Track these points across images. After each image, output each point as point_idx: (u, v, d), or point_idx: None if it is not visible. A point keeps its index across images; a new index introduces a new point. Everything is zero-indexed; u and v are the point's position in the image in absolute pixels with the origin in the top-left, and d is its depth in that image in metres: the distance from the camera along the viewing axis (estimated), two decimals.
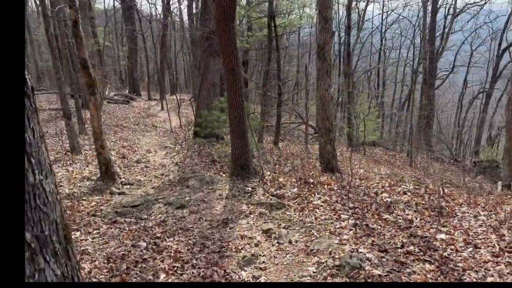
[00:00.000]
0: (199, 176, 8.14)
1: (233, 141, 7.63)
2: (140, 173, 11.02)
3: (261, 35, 17.69)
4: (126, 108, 23.48)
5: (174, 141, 15.38)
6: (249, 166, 7.65)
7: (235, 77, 7.21)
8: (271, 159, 13.56)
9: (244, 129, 7.53)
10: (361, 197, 6.64)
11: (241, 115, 7.45)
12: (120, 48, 34.44)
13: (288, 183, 7.37)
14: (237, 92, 7.32)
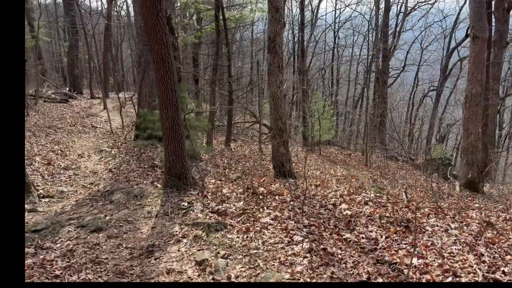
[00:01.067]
0: (127, 189, 6.83)
1: (166, 146, 6.39)
2: (66, 182, 9.52)
3: (211, 28, 16.45)
4: (64, 107, 21.51)
5: (112, 143, 13.85)
6: (187, 175, 6.44)
7: (166, 69, 5.99)
8: (221, 162, 12.38)
9: (179, 131, 6.32)
10: (317, 210, 5.61)
11: (174, 115, 6.23)
12: (62, 43, 32.08)
13: (233, 195, 6.22)
14: (169, 87, 6.09)
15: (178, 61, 11.08)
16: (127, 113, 19.72)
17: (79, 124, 17.74)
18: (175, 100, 6.20)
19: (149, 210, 5.81)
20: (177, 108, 6.25)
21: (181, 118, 6.36)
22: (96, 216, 5.69)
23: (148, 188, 6.76)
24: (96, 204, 6.52)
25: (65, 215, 6.19)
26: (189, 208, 5.65)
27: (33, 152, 11.97)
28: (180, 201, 5.93)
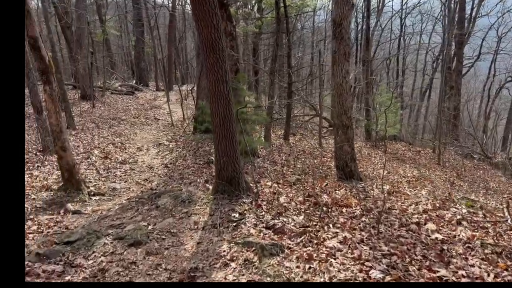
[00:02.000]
0: (175, 192, 5.95)
1: (216, 146, 5.42)
2: (121, 177, 8.93)
3: (271, 17, 15.32)
4: (129, 99, 21.45)
5: (171, 136, 13.24)
6: (239, 180, 5.44)
7: (217, 56, 4.98)
8: (279, 158, 11.31)
9: (231, 129, 5.31)
10: (396, 231, 4.37)
11: (226, 110, 5.23)
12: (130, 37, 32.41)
13: (291, 205, 5.13)
14: (219, 77, 5.09)
15: (236, 52, 10.09)
16: (188, 106, 19.18)
17: (142, 116, 17.42)
18: (226, 93, 5.19)
19: (195, 220, 4.88)
20: (229, 102, 5.24)
21: (233, 114, 5.35)
22: (137, 226, 4.84)
23: (198, 192, 5.85)
24: (141, 208, 5.71)
25: (107, 221, 5.43)
26: (240, 220, 4.64)
27: (93, 144, 11.60)
28: (231, 210, 4.94)
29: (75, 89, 20.90)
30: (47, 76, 6.83)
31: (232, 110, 5.32)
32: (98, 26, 24.88)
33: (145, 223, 5.03)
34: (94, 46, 24.21)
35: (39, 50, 6.61)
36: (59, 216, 6.03)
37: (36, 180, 7.89)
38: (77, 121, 14.74)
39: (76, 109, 16.83)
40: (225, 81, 5.17)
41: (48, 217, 5.95)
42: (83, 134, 12.88)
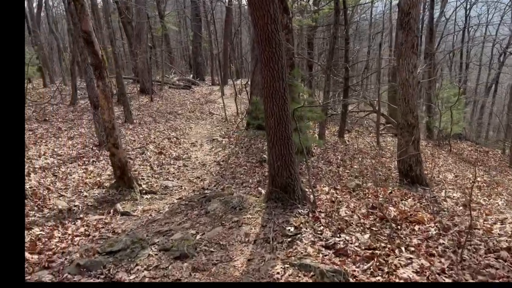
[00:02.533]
0: (225, 197, 5.42)
1: (270, 149, 4.82)
2: (174, 174, 8.61)
3: (329, 8, 14.42)
4: (186, 93, 21.42)
5: (225, 132, 12.83)
6: (294, 187, 4.81)
7: (273, 50, 4.36)
8: (334, 157, 10.53)
9: (287, 131, 4.68)
10: (483, 258, 3.54)
11: (281, 110, 4.60)
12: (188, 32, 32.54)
13: (354, 219, 4.42)
14: (275, 73, 4.47)
15: (292, 45, 9.40)
16: (242, 100, 18.76)
17: (198, 110, 17.23)
18: (282, 91, 4.56)
19: (246, 232, 4.32)
20: (285, 102, 4.61)
21: (289, 114, 4.72)
22: (185, 235, 4.37)
23: (249, 198, 5.29)
24: (191, 213, 5.24)
25: (155, 225, 5.02)
26: (295, 235, 4.02)
27: (149, 139, 11.44)
28: (285, 222, 4.33)
29: (135, 83, 21.18)
30: (100, 71, 6.55)
31: (288, 110, 4.69)
32: (158, 21, 25.03)
33: (193, 231, 4.54)
34: (154, 41, 24.43)
35: (92, 44, 6.33)
36: (108, 217, 5.73)
37: (90, 176, 7.73)
38: (135, 114, 14.76)
39: (135, 103, 16.94)
40: (282, 78, 4.54)
41: (97, 218, 5.67)
42: (140, 128, 12.80)
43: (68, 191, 6.74)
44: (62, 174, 7.66)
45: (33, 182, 6.93)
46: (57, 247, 4.42)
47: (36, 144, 9.60)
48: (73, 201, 6.29)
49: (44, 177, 7.30)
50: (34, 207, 5.70)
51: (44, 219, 5.39)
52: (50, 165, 8.10)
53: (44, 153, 8.80)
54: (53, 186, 6.88)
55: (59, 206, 5.83)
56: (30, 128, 11.33)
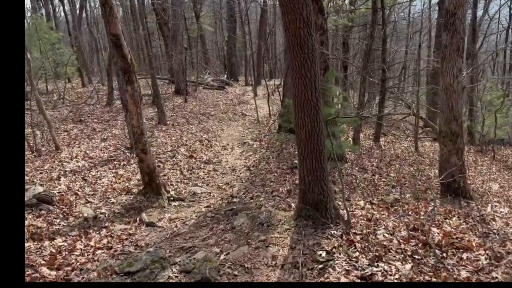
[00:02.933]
0: (253, 211, 5.04)
1: (301, 162, 4.39)
2: (204, 179, 8.33)
3: (366, 8, 13.74)
4: (219, 94, 21.23)
5: (256, 135, 12.48)
6: (327, 205, 4.36)
7: (305, 57, 3.93)
8: (369, 164, 9.94)
9: (319, 143, 4.24)
10: None
11: (313, 122, 4.16)
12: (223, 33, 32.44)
13: (393, 244, 3.92)
14: (307, 82, 4.04)
15: (326, 47, 8.89)
16: (275, 101, 18.35)
17: (230, 111, 16.96)
18: (315, 101, 4.12)
19: (274, 254, 3.92)
20: (318, 112, 4.17)
21: (322, 125, 4.27)
22: (208, 254, 4.03)
23: (278, 213, 4.87)
24: (216, 227, 4.90)
25: (179, 240, 4.71)
26: (328, 262, 3.59)
27: (181, 141, 11.24)
28: (316, 245, 3.90)
29: (170, 84, 21.19)
30: (129, 76, 6.33)
31: (321, 121, 4.25)
32: (194, 22, 25.01)
33: (217, 249, 4.20)
34: (190, 42, 24.41)
35: (121, 48, 6.11)
36: (133, 227, 5.49)
37: (119, 181, 7.56)
38: (169, 116, 14.66)
39: (170, 104, 16.88)
40: (314, 87, 4.10)
41: (122, 228, 5.44)
42: (172, 130, 12.65)
43: (96, 197, 6.58)
44: (92, 178, 7.54)
45: (62, 186, 6.82)
46: (76, 262, 4.19)
47: (69, 145, 9.59)
48: (99, 208, 6.10)
49: (74, 181, 7.19)
50: (60, 215, 5.55)
51: (68, 228, 5.21)
52: (81, 168, 8.00)
53: (76, 156, 8.74)
54: (82, 191, 6.74)
55: (84, 214, 5.64)
56: (65, 129, 11.40)
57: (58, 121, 12.40)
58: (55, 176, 7.34)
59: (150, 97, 17.36)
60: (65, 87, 15.96)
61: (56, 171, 7.63)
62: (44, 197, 5.69)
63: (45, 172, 7.51)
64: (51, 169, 7.72)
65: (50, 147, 9.13)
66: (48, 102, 14.74)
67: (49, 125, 8.76)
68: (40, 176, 7.31)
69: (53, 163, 8.11)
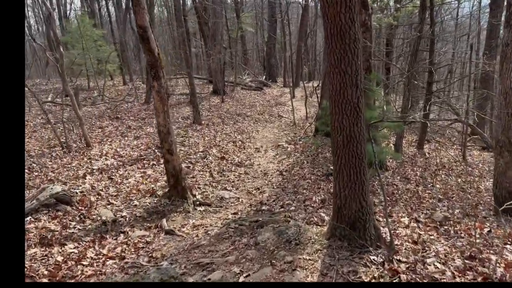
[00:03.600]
0: (281, 225, 4.40)
1: (336, 174, 3.71)
2: (234, 183, 7.79)
3: (413, 6, 12.72)
4: (257, 95, 20.71)
5: (291, 137, 11.81)
6: (365, 224, 3.67)
7: (345, 48, 3.27)
8: (412, 173, 9.04)
9: (358, 152, 3.55)
10: None
11: (352, 126, 3.48)
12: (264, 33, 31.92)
13: (446, 275, 3.17)
14: (347, 78, 3.37)
15: (370, 45, 8.10)
16: (312, 103, 17.58)
17: (267, 113, 16.37)
18: (356, 101, 3.44)
19: (301, 279, 3.28)
20: (358, 115, 3.49)
21: (363, 131, 3.58)
22: (225, 275, 3.46)
23: (308, 230, 4.21)
24: (239, 241, 4.32)
25: (197, 253, 4.17)
26: None
27: (214, 142, 10.78)
28: (352, 273, 3.23)
29: (209, 83, 20.93)
30: (156, 71, 5.88)
31: (362, 125, 3.56)
32: (235, 22, 24.67)
33: (237, 268, 3.61)
34: (230, 42, 24.08)
35: (148, 41, 5.66)
36: (151, 234, 5.01)
37: (146, 181, 7.15)
38: (204, 115, 14.29)
39: (206, 103, 16.54)
40: (355, 85, 3.43)
41: (140, 234, 4.97)
42: (207, 130, 12.23)
43: (119, 198, 6.18)
44: (119, 178, 7.18)
45: (86, 185, 6.49)
46: (82, 274, 3.74)
47: (101, 143, 9.34)
48: (121, 211, 5.68)
49: (99, 180, 6.85)
50: (76, 217, 5.16)
51: (83, 232, 4.80)
52: (109, 167, 7.68)
53: (106, 153, 8.45)
54: (105, 192, 6.37)
55: (103, 217, 5.23)
56: (101, 125, 11.23)
57: (95, 117, 12.31)
58: (81, 174, 7.04)
59: (187, 96, 17.10)
60: (105, 84, 15.98)
61: (83, 169, 7.33)
62: (63, 197, 5.33)
63: (72, 170, 7.24)
64: (79, 166, 7.44)
65: (81, 144, 8.90)
66: (88, 98, 14.77)
67: (81, 121, 8.52)
68: (66, 173, 7.04)
69: (82, 160, 7.84)
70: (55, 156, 7.87)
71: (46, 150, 8.26)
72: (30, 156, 7.74)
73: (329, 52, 3.44)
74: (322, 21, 3.53)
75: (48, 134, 8.98)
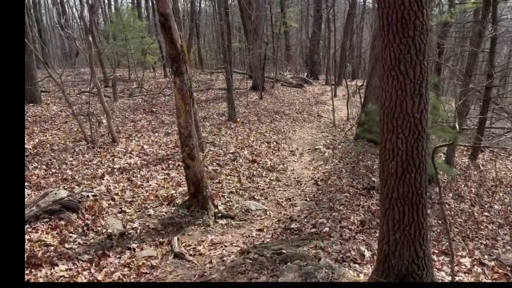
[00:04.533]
0: (308, 263, 3.46)
1: (384, 209, 2.72)
2: (262, 191, 6.93)
3: (473, 3, 11.19)
4: (297, 92, 19.68)
5: (330, 140, 10.75)
6: (422, 278, 2.67)
7: (410, 43, 2.29)
8: (466, 189, 7.78)
9: (419, 185, 2.56)
10: None
11: (414, 149, 2.50)
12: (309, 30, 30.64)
13: None
14: (410, 85, 2.39)
15: None
16: (354, 104, 16.33)
17: (306, 111, 15.35)
18: (417, 117, 2.46)
19: None
20: (420, 135, 2.50)
21: (426, 156, 2.59)
22: None
23: (344, 274, 3.26)
24: (256, 278, 3.46)
25: None
26: None
27: (247, 142, 9.96)
28: None
29: (249, 79, 20.16)
30: (178, 65, 5.09)
31: (425, 149, 2.56)
32: (279, 18, 23.66)
33: None
34: (274, 37, 23.12)
35: (169, 31, 4.87)
36: (159, 255, 4.25)
37: (167, 185, 6.44)
38: (240, 112, 13.52)
39: (244, 100, 15.76)
40: (418, 93, 2.44)
41: (147, 255, 4.23)
42: (241, 128, 11.43)
43: (133, 205, 5.49)
44: (140, 179, 6.52)
45: (102, 187, 5.86)
46: None
47: (129, 138, 8.76)
48: (132, 221, 4.98)
49: (117, 182, 6.21)
50: (79, 228, 4.49)
51: (83, 249, 4.12)
52: (132, 166, 7.05)
53: (132, 151, 7.84)
54: (120, 196, 5.71)
55: (109, 230, 4.53)
56: (133, 119, 10.71)
57: (130, 110, 11.84)
58: (100, 173, 6.44)
59: (226, 92, 16.40)
60: (143, 76, 15.54)
61: (104, 167, 6.74)
62: (68, 203, 4.69)
63: (92, 168, 6.65)
64: (99, 164, 6.85)
65: (108, 139, 8.36)
66: (126, 90, 14.39)
67: (107, 115, 7.95)
68: (85, 171, 6.46)
69: (104, 157, 7.26)
70: (77, 151, 7.34)
71: (70, 144, 7.76)
72: (52, 150, 7.26)
73: (383, 47, 2.47)
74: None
75: (77, 127, 8.50)
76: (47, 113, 10.05)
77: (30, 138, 7.82)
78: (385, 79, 2.51)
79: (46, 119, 9.50)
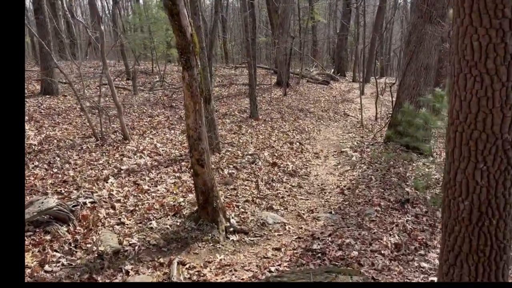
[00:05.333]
0: None
1: (448, 267, 1.90)
2: (282, 200, 6.12)
3: None
4: (323, 89, 18.69)
5: (358, 142, 9.82)
6: None
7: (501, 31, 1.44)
8: None
9: (502, 238, 1.72)
10: None
11: (497, 184, 1.66)
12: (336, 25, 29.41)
13: None
14: (499, 90, 1.54)
15: None
16: (383, 102, 15.24)
17: (332, 110, 14.40)
18: (509, 139, 1.62)
19: None
20: (510, 166, 1.66)
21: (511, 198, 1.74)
22: None
23: None
24: None
25: None
26: None
27: (268, 142, 9.16)
28: None
29: (274, 74, 19.34)
30: (188, 58, 4.32)
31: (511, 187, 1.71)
32: (307, 12, 22.65)
33: None
34: (301, 32, 22.14)
35: (178, 17, 4.10)
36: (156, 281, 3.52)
37: (176, 190, 5.73)
38: (263, 109, 12.75)
39: (268, 96, 14.96)
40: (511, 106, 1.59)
41: (141, 280, 3.51)
42: (263, 126, 10.65)
43: (135, 215, 4.80)
44: (147, 183, 5.85)
45: (103, 192, 5.20)
46: None
47: (143, 135, 8.13)
48: (130, 236, 4.28)
49: (122, 186, 5.54)
50: (66, 245, 3.81)
51: (65, 272, 3.44)
52: (141, 167, 6.38)
53: (143, 150, 7.19)
54: (122, 203, 5.04)
55: (100, 247, 3.84)
56: (151, 114, 10.10)
57: (149, 104, 11.27)
58: (105, 175, 5.80)
59: (248, 87, 15.62)
60: (165, 69, 14.96)
61: (110, 168, 6.11)
62: (58, 213, 4.03)
63: (96, 168, 6.03)
64: (106, 165, 6.22)
65: (119, 135, 7.75)
66: (148, 83, 13.85)
67: (119, 110, 7.33)
68: (89, 172, 5.84)
69: (113, 156, 6.64)
70: (84, 149, 6.74)
71: (78, 140, 7.18)
72: (58, 147, 6.69)
73: (459, 33, 1.61)
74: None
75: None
76: (63, 106, 9.57)
77: (38, 132, 7.31)
78: (460, 81, 1.66)
79: (60, 112, 9.01)
